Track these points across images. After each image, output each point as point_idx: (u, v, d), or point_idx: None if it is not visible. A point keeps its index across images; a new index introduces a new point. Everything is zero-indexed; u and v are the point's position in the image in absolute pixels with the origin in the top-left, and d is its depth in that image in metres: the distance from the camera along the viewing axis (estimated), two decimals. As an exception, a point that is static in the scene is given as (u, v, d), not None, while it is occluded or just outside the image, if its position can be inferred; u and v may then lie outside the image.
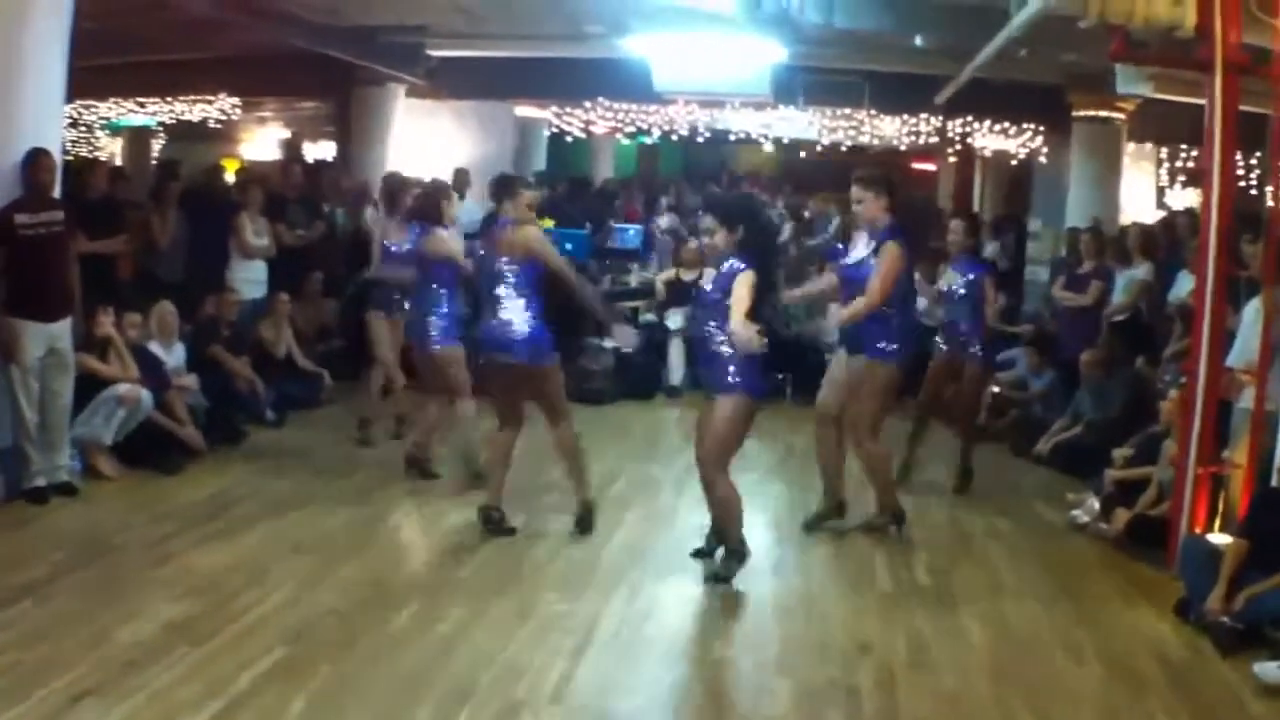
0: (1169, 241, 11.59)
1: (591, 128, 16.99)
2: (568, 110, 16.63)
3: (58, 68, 7.72)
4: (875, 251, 7.32)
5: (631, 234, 15.00)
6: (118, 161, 17.59)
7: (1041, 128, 14.81)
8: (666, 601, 6.37)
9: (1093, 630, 6.14)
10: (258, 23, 11.91)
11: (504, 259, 7.22)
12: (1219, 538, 6.58)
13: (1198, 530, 6.88)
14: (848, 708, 5.07)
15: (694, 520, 7.33)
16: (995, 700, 5.21)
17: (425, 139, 14.94)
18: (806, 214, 15.83)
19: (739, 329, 6.20)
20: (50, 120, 7.86)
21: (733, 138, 17.33)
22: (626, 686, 5.21)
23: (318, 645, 5.43)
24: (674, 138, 17.47)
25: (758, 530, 7.78)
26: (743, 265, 6.40)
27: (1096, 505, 8.03)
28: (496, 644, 5.54)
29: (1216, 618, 5.96)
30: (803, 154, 21.60)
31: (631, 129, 17.04)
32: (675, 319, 12.47)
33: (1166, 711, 5.16)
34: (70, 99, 8.98)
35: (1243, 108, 6.99)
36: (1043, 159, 14.99)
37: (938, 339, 9.06)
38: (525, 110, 16.30)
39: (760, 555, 7.27)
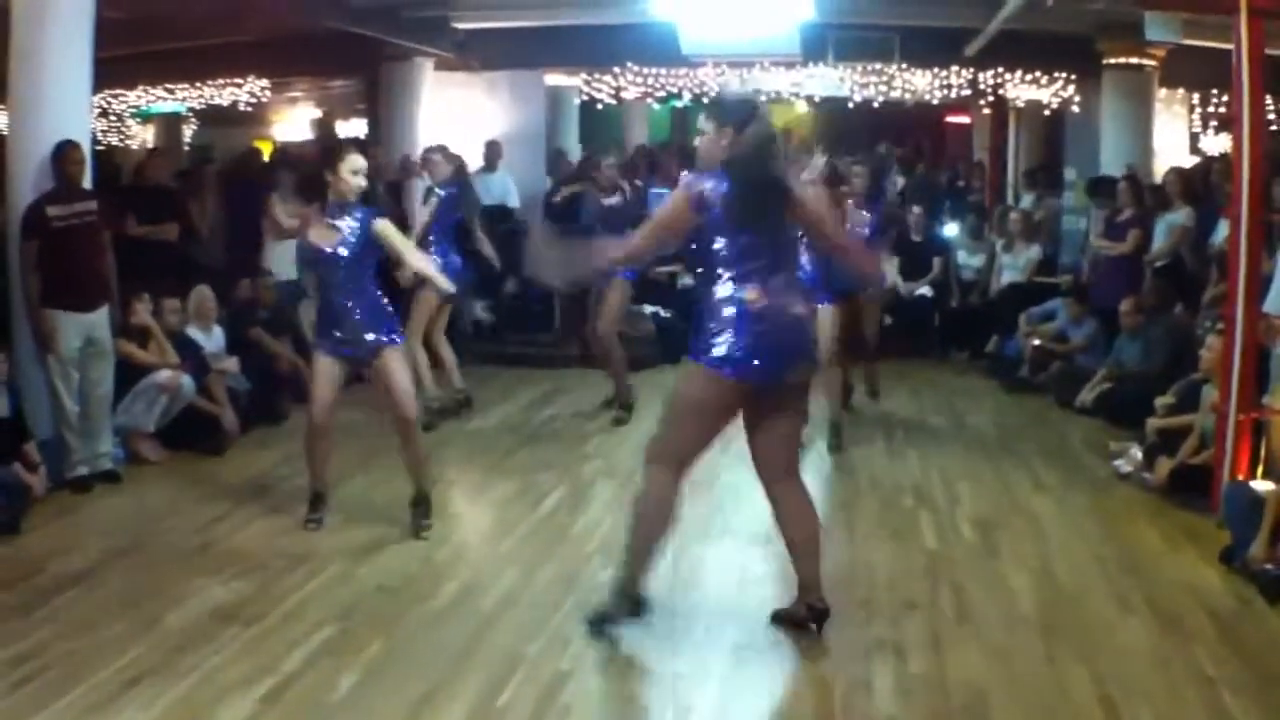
0: (1205, 187, 11.50)
1: (622, 94, 16.86)
2: (596, 77, 16.52)
3: (83, 59, 7.77)
4: None
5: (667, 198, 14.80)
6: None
7: (1073, 77, 14.62)
8: (710, 564, 6.39)
9: (1140, 580, 6.12)
10: (282, 4, 11.92)
11: None
12: (1262, 484, 6.52)
13: (1240, 477, 6.84)
14: (895, 666, 5.07)
15: (733, 484, 7.31)
16: (1044, 654, 5.20)
17: (457, 112, 14.89)
18: None
19: None
20: (78, 112, 7.91)
21: (763, 97, 17.16)
22: (674, 651, 5.24)
23: (366, 621, 5.48)
24: (705, 101, 17.31)
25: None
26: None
27: (1139, 454, 7.99)
28: (543, 614, 5.58)
29: (1261, 565, 5.94)
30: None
31: (662, 94, 16.90)
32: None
33: (1215, 661, 5.13)
34: (98, 89, 9.04)
35: (1270, 51, 6.91)
36: (1075, 108, 14.79)
37: None
38: (555, 79, 16.22)
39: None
